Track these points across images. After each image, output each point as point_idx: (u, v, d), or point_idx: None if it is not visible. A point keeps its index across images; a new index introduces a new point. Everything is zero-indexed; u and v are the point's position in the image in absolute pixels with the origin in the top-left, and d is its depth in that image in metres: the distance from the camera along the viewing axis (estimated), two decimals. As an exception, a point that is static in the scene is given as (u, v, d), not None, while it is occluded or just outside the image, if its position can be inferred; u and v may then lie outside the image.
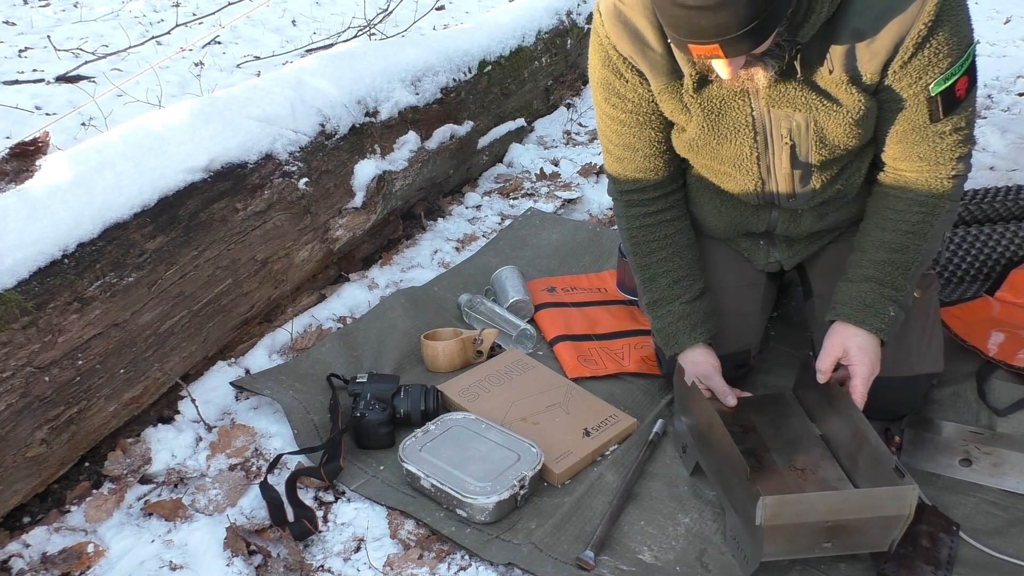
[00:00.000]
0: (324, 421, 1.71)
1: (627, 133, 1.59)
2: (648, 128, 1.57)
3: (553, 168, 2.99)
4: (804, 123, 1.45)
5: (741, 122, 1.47)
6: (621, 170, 1.64)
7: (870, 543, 1.33)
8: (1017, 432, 1.67)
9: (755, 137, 1.49)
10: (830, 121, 1.43)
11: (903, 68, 1.36)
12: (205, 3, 5.03)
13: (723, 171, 1.59)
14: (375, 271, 2.32)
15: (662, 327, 1.67)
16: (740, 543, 1.38)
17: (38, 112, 3.40)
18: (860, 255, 1.54)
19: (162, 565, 1.42)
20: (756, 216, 1.67)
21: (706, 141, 1.52)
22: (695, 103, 1.47)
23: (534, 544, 1.43)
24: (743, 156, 1.53)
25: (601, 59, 1.53)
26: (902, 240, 1.50)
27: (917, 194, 1.49)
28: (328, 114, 2.14)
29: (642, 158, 1.61)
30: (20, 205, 1.50)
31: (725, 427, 1.40)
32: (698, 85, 1.45)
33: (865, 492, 1.33)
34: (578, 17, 3.61)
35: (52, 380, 1.45)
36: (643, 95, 1.53)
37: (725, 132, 1.49)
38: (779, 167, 1.53)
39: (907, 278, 1.50)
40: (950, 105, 1.39)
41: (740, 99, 1.45)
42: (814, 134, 1.46)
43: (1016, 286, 2.03)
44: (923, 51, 1.33)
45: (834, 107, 1.41)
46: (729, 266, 1.76)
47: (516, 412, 1.73)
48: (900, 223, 1.50)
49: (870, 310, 1.49)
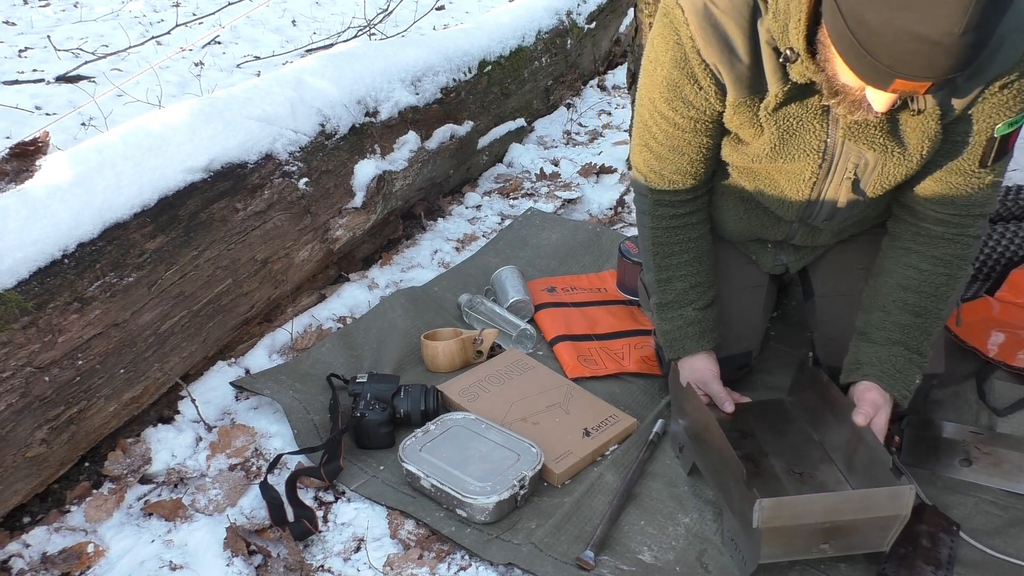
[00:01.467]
0: (324, 421, 1.71)
1: (679, 136, 1.50)
2: (704, 136, 1.50)
3: (553, 168, 2.99)
4: (872, 162, 1.41)
5: (813, 146, 1.41)
6: (659, 168, 1.56)
7: (867, 543, 1.33)
8: (1017, 432, 1.67)
9: (821, 164, 1.44)
10: (899, 166, 1.40)
11: (982, 103, 1.33)
12: (205, 3, 5.03)
13: (774, 187, 1.54)
14: (375, 271, 2.32)
15: (670, 329, 1.65)
16: (738, 545, 1.38)
17: (38, 112, 3.40)
18: (883, 315, 1.51)
19: (162, 565, 1.42)
20: (776, 229, 1.65)
21: (772, 158, 1.46)
22: (770, 120, 1.40)
23: (534, 544, 1.43)
24: (802, 179, 1.48)
25: (675, 59, 1.40)
26: (926, 304, 1.48)
27: (943, 252, 1.47)
28: (328, 114, 2.14)
29: (687, 162, 1.54)
30: (20, 205, 1.49)
31: (721, 429, 1.40)
32: (779, 104, 1.38)
33: (862, 493, 1.33)
34: (578, 17, 3.61)
35: (52, 380, 1.45)
36: (712, 105, 1.43)
37: (793, 152, 1.43)
38: (832, 195, 1.49)
39: (929, 343, 1.49)
40: (1001, 152, 1.38)
41: (818, 122, 1.39)
42: (878, 174, 1.43)
43: (1016, 286, 2.03)
44: (1005, 91, 1.31)
45: (907, 152, 1.38)
46: (735, 268, 1.76)
47: (516, 412, 1.73)
48: (924, 284, 1.48)
49: (899, 376, 1.47)
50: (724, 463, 1.40)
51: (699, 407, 1.47)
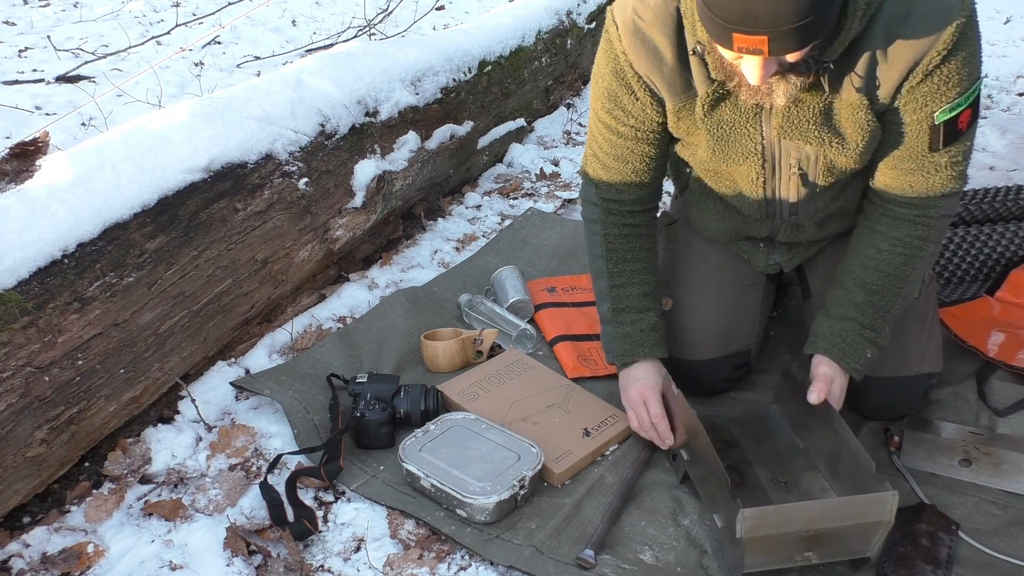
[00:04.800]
0: (324, 421, 1.71)
1: (622, 145, 1.56)
2: (645, 144, 1.56)
3: (553, 168, 2.99)
4: (813, 155, 1.44)
5: (750, 149, 1.46)
6: (607, 177, 1.62)
7: (851, 550, 1.33)
8: (1017, 432, 1.67)
9: (763, 164, 1.48)
10: (840, 155, 1.42)
11: (910, 92, 1.35)
12: (205, 3, 5.03)
13: (733, 186, 1.58)
14: (375, 271, 2.33)
15: (629, 333, 1.63)
16: (724, 554, 1.38)
17: (38, 112, 3.40)
18: (841, 292, 1.54)
19: (162, 565, 1.42)
20: (759, 224, 1.66)
21: (716, 163, 1.51)
22: (705, 125, 1.45)
23: (535, 547, 1.43)
24: (750, 180, 1.52)
25: (613, 71, 1.49)
26: (882, 283, 1.50)
27: (903, 232, 1.49)
28: (328, 114, 2.14)
29: (631, 171, 1.59)
30: (20, 205, 1.49)
31: (709, 439, 1.40)
32: (710, 108, 1.43)
33: (844, 500, 1.33)
34: (578, 17, 3.61)
35: (52, 380, 1.45)
36: (649, 115, 1.51)
37: (733, 156, 1.48)
38: (785, 192, 1.53)
39: (886, 320, 1.52)
40: (951, 136, 1.39)
41: (751, 126, 1.43)
42: (823, 165, 1.45)
43: (1016, 286, 2.03)
44: (933, 78, 1.33)
45: (844, 141, 1.40)
46: (729, 266, 1.76)
47: (516, 412, 1.73)
48: (882, 264, 1.50)
49: (850, 350, 1.50)
50: (711, 472, 1.40)
51: (688, 416, 1.47)
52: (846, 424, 1.43)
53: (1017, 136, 3.17)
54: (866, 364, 1.51)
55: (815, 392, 1.46)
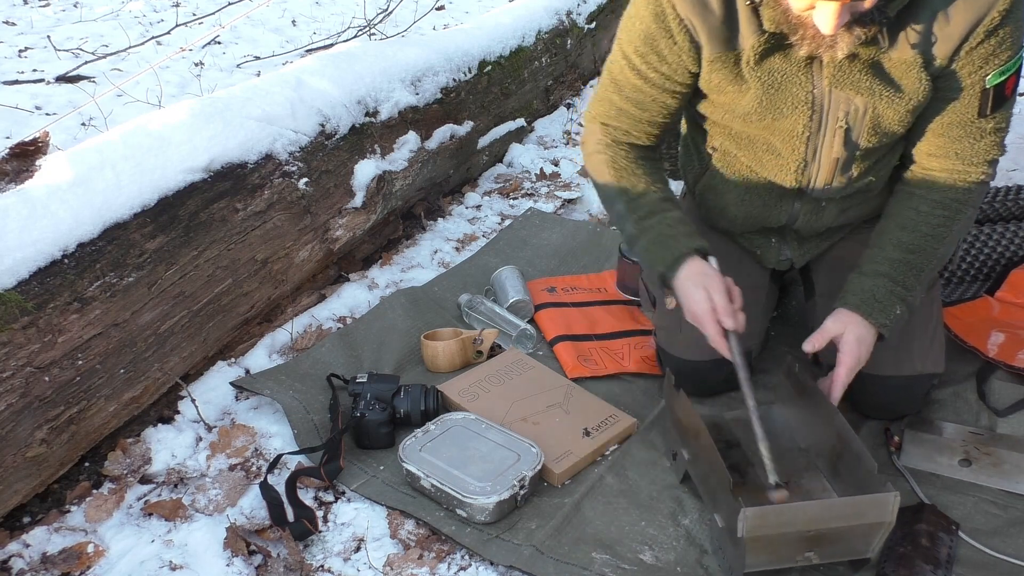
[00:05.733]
0: (324, 421, 1.71)
1: (647, 92, 1.52)
2: (669, 96, 1.53)
3: (553, 168, 2.99)
4: (863, 108, 1.43)
5: (800, 99, 1.44)
6: (618, 121, 1.58)
7: (852, 551, 1.33)
8: (1017, 432, 1.67)
9: (811, 116, 1.46)
10: (889, 108, 1.42)
11: (968, 55, 1.35)
12: (205, 3, 5.03)
13: (769, 147, 1.54)
14: (375, 271, 2.33)
15: (657, 233, 1.51)
16: (725, 554, 1.38)
17: (38, 112, 3.40)
18: (876, 251, 1.54)
19: (162, 565, 1.42)
20: (778, 208, 1.64)
21: (761, 115, 1.48)
22: (754, 75, 1.42)
23: (535, 547, 1.43)
24: (795, 134, 1.49)
25: (653, 13, 1.45)
26: (920, 242, 1.50)
27: (943, 195, 1.50)
28: (328, 114, 2.14)
29: (647, 121, 1.56)
30: (20, 205, 1.49)
31: (711, 437, 1.40)
32: (759, 58, 1.41)
33: (845, 500, 1.33)
34: (578, 17, 3.61)
35: (52, 380, 1.45)
36: (684, 62, 1.47)
37: (782, 107, 1.45)
38: (827, 150, 1.51)
39: (919, 280, 1.51)
40: (999, 101, 1.40)
41: (802, 75, 1.42)
42: (870, 120, 1.44)
43: (1016, 286, 2.03)
44: (991, 40, 1.33)
45: (896, 94, 1.40)
46: (734, 267, 1.75)
47: (516, 412, 1.73)
48: (921, 224, 1.51)
49: (879, 305, 1.48)
50: (712, 472, 1.40)
51: (690, 414, 1.47)
52: (848, 424, 1.43)
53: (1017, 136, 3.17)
54: (896, 322, 1.49)
55: (810, 342, 1.46)
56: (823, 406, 1.48)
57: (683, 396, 1.50)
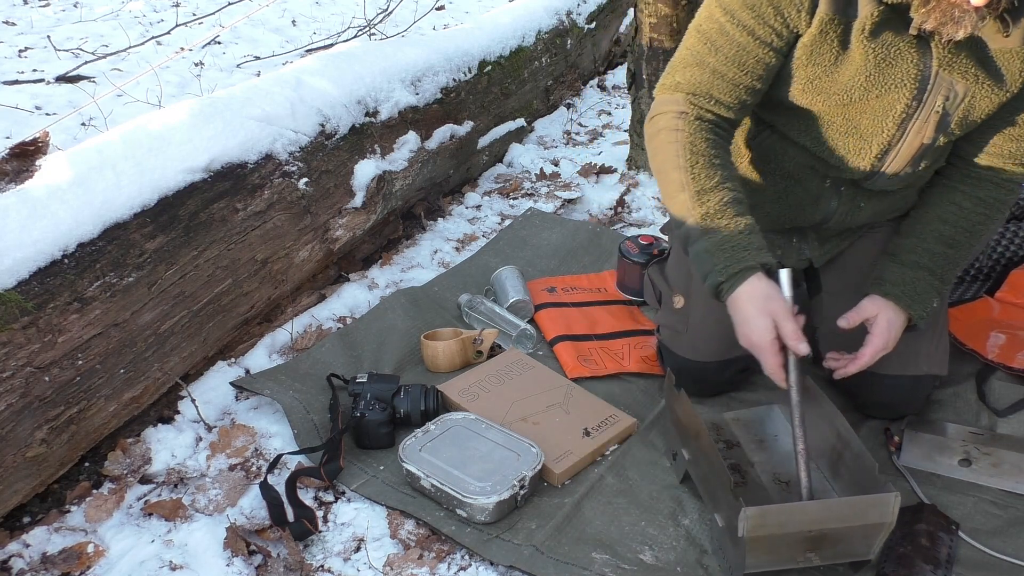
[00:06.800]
0: (324, 421, 1.71)
1: (750, 49, 1.41)
2: (775, 55, 1.41)
3: (553, 168, 2.99)
4: (962, 94, 1.40)
5: (911, 74, 1.38)
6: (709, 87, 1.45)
7: (853, 552, 1.32)
8: (1017, 433, 1.67)
9: (915, 96, 1.41)
10: (985, 98, 1.40)
11: None
12: (205, 3, 5.03)
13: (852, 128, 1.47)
14: (375, 271, 2.33)
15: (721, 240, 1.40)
16: (725, 554, 1.38)
17: (38, 112, 3.40)
18: (915, 241, 1.55)
19: (162, 565, 1.42)
20: (815, 206, 1.61)
21: (866, 89, 1.40)
22: (867, 47, 1.36)
23: (535, 547, 1.43)
24: (892, 114, 1.43)
25: None
26: (959, 237, 1.52)
27: (987, 193, 1.51)
28: (328, 114, 2.15)
29: (744, 87, 1.44)
30: (20, 205, 1.49)
31: (711, 438, 1.40)
32: (873, 30, 1.35)
33: (846, 501, 1.33)
34: (578, 17, 3.61)
35: (52, 380, 1.45)
36: (797, 22, 1.37)
37: (889, 82, 1.38)
38: (915, 135, 1.45)
39: (954, 273, 1.54)
40: None
41: (916, 52, 1.37)
42: (964, 108, 1.41)
43: (1016, 286, 2.03)
44: None
45: (996, 84, 1.38)
46: None
47: (516, 412, 1.73)
48: (962, 220, 1.52)
49: (919, 297, 1.50)
50: (713, 472, 1.40)
51: (691, 414, 1.47)
52: (848, 424, 1.43)
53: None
54: (930, 313, 1.52)
55: (846, 319, 1.49)
56: (823, 406, 1.48)
57: (683, 396, 1.50)
